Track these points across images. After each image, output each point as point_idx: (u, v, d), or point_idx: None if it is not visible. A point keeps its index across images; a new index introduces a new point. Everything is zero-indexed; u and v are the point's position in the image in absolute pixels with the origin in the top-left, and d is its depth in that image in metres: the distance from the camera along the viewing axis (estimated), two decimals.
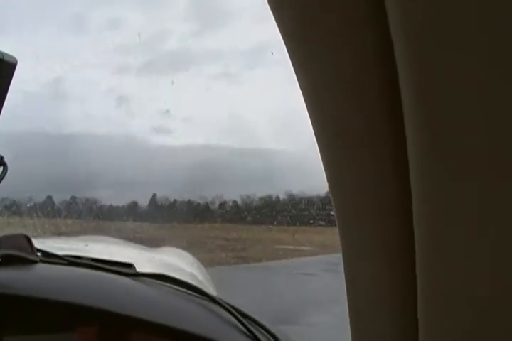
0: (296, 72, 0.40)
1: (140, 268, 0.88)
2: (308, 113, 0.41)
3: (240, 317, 0.76)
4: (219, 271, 5.10)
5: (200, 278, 1.26)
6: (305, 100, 0.40)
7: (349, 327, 0.44)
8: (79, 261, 0.86)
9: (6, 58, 0.68)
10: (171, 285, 0.84)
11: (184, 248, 1.95)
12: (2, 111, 0.72)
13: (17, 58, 0.71)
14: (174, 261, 1.41)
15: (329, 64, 0.37)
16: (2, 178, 0.77)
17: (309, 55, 0.38)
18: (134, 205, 5.78)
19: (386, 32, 0.33)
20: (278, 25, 0.39)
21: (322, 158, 0.41)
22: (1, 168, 0.77)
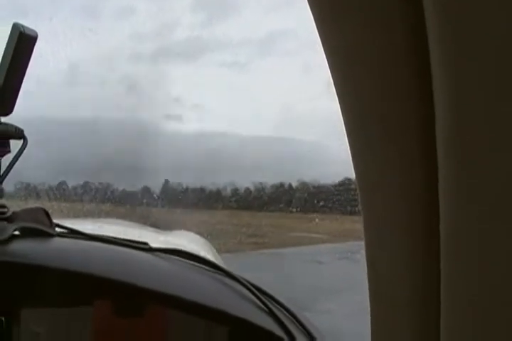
0: (327, 58, 0.40)
1: None
2: (338, 99, 0.40)
3: (257, 292, 0.76)
4: (231, 256, 5.12)
5: (213, 260, 1.26)
6: (335, 84, 0.40)
7: (363, 315, 0.44)
8: (96, 236, 0.87)
9: (26, 31, 0.69)
10: (187, 260, 0.84)
11: (196, 233, 1.96)
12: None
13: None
14: (187, 244, 1.42)
15: (360, 47, 0.36)
16: (22, 151, 0.78)
17: (341, 38, 0.37)
18: (146, 191, 5.81)
19: (420, 11, 0.32)
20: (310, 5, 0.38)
21: (350, 144, 0.41)
22: (22, 140, 0.79)
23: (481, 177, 0.31)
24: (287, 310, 0.78)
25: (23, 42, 0.69)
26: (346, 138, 0.41)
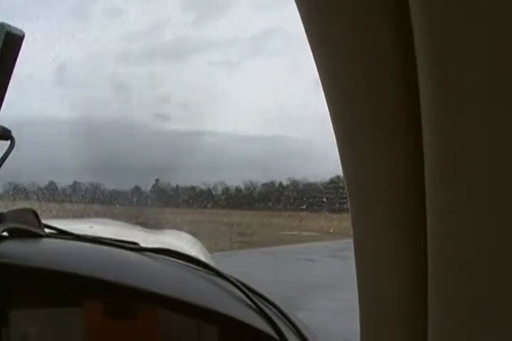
0: (314, 58, 0.40)
1: None
2: (326, 99, 0.40)
3: (246, 291, 0.76)
4: (222, 255, 5.13)
5: (203, 259, 1.26)
6: (322, 84, 0.40)
7: (352, 315, 0.44)
8: (85, 236, 0.86)
9: (13, 31, 0.69)
10: (177, 260, 0.84)
11: (187, 232, 1.96)
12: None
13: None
14: (177, 243, 1.41)
15: (345, 46, 0.36)
16: (10, 152, 0.77)
17: (327, 38, 0.37)
18: (136, 190, 5.79)
19: (406, 12, 0.32)
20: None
21: (338, 143, 0.41)
22: (9, 141, 0.78)
23: (467, 178, 0.31)
24: (278, 309, 0.78)
25: (9, 41, 0.69)
26: (334, 137, 0.41)
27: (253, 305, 0.75)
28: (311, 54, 0.41)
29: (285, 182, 6.68)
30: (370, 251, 0.41)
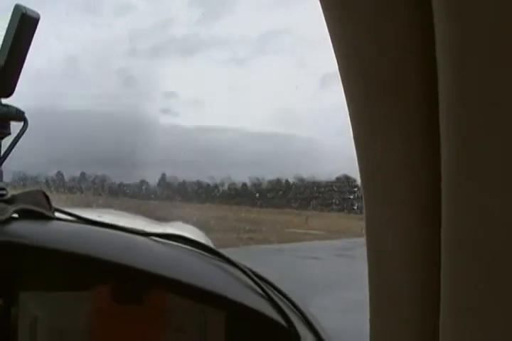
0: (335, 53, 0.40)
1: None
2: (347, 104, 0.40)
3: (255, 278, 0.76)
4: (227, 252, 5.12)
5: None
6: (342, 82, 0.40)
7: (360, 313, 0.44)
8: (94, 220, 0.86)
9: (28, 12, 0.69)
10: (187, 246, 0.84)
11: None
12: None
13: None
14: (184, 234, 1.41)
15: (367, 41, 0.37)
16: (23, 133, 0.78)
17: (348, 30, 0.38)
18: (143, 184, 5.80)
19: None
20: None
21: (355, 143, 0.41)
22: (22, 123, 0.79)
23: (481, 179, 0.31)
24: (287, 297, 0.78)
25: (25, 23, 0.69)
26: (352, 136, 0.41)
27: (262, 292, 0.75)
28: (317, 52, 0.41)
29: (291, 180, 6.67)
30: (382, 250, 0.41)
